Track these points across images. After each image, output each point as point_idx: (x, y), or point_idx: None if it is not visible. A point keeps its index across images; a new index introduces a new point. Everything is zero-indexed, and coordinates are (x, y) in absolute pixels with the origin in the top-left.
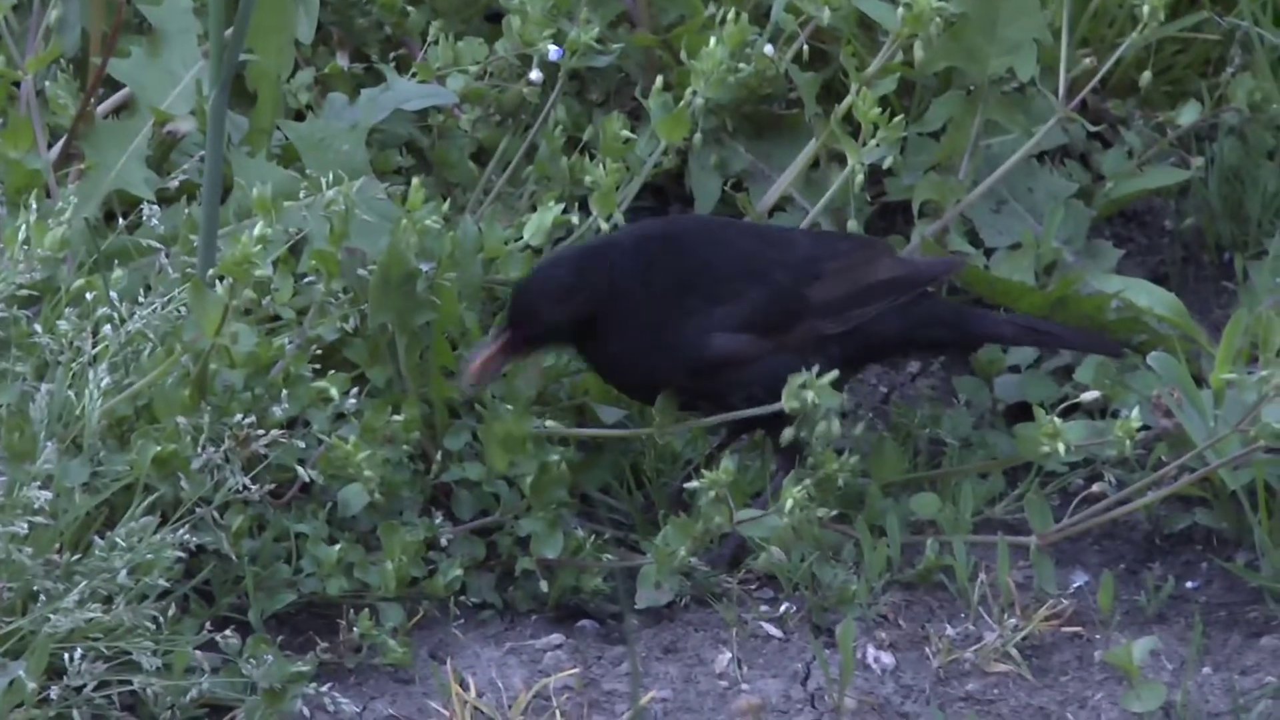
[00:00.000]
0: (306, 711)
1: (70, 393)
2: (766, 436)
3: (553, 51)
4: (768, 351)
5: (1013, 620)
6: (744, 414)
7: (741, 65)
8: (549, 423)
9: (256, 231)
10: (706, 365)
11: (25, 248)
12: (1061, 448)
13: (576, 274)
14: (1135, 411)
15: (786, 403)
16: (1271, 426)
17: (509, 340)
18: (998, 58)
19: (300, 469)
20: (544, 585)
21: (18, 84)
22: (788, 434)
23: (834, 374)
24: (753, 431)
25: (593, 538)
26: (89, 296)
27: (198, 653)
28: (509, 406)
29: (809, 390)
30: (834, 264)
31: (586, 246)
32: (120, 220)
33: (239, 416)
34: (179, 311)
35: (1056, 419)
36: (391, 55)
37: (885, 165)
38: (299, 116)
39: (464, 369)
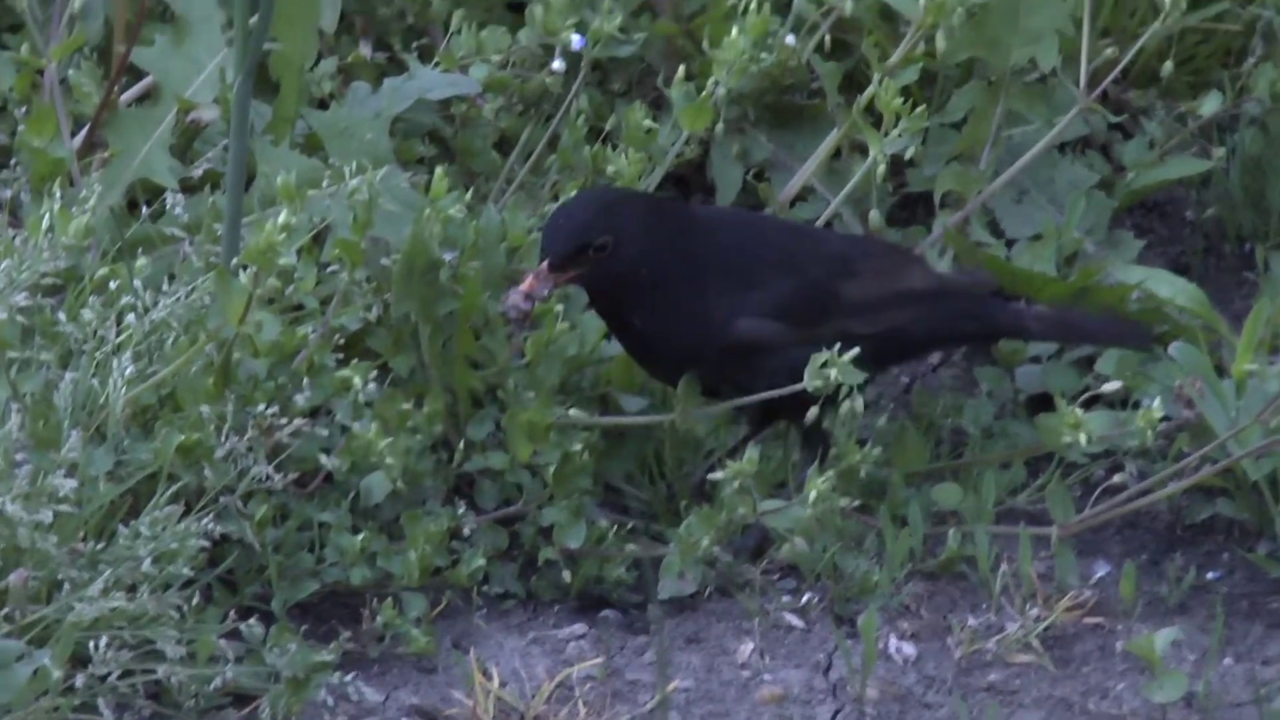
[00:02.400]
0: (330, 701)
1: (94, 381)
2: (791, 426)
3: (575, 41)
4: (795, 342)
5: (1035, 610)
6: (766, 395)
7: (764, 55)
8: (572, 411)
9: (280, 220)
10: (734, 347)
11: (49, 236)
12: (1083, 438)
13: (606, 204)
14: (1157, 402)
15: (809, 382)
16: None
17: (549, 262)
18: (1020, 48)
19: (323, 458)
20: (567, 575)
21: (41, 72)
22: (812, 413)
23: (855, 351)
24: (776, 423)
25: (615, 527)
26: (113, 285)
27: (222, 641)
28: (532, 395)
29: (831, 368)
30: (867, 264)
31: (626, 190)
32: (144, 208)
33: (262, 405)
34: (203, 300)
35: (1078, 409)
36: (415, 44)
37: (907, 156)
38: (322, 105)
39: (506, 300)
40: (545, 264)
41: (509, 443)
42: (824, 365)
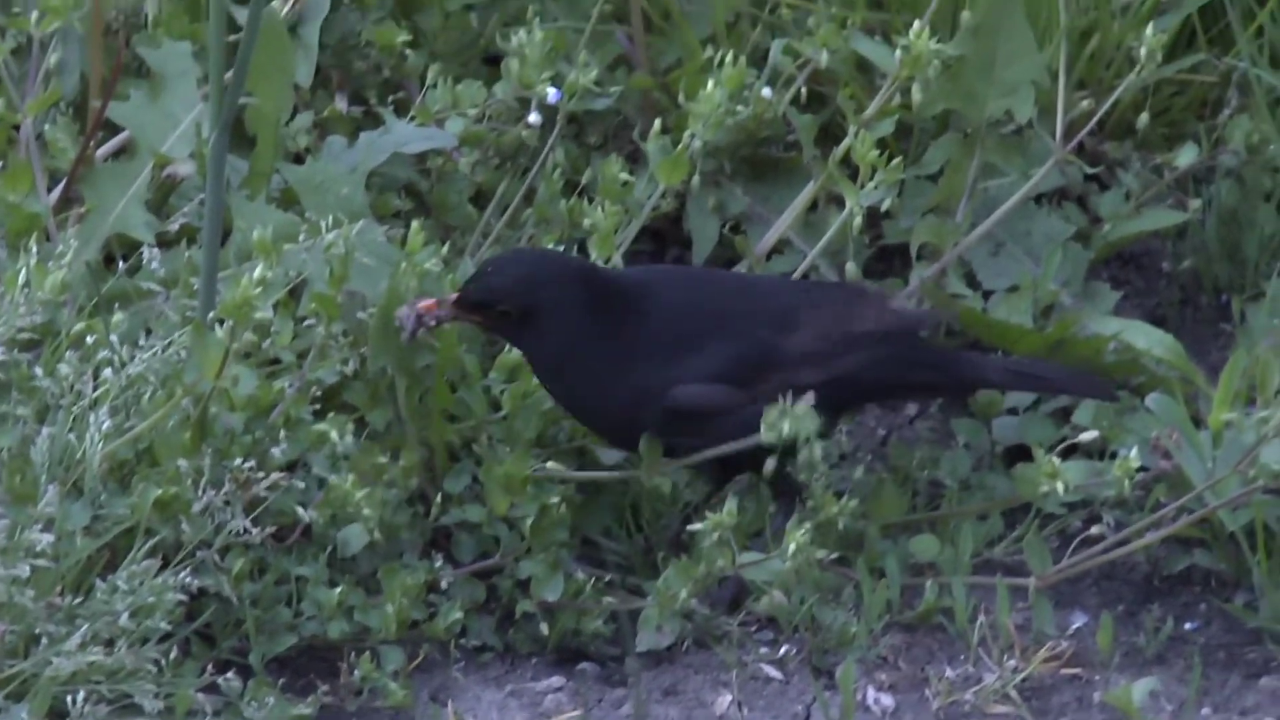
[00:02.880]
0: None
1: (71, 436)
2: (761, 481)
3: (551, 94)
4: (744, 402)
5: (1012, 662)
6: (718, 452)
7: (740, 108)
8: (549, 464)
9: (256, 274)
10: (675, 415)
11: (26, 291)
12: (1060, 488)
13: (540, 264)
14: (1134, 452)
15: (765, 435)
16: (1270, 467)
17: (457, 299)
18: (995, 100)
19: (301, 511)
20: (544, 627)
21: (17, 127)
22: (769, 466)
23: (809, 399)
24: (741, 476)
25: (593, 580)
26: (89, 339)
27: (199, 695)
28: (508, 448)
29: (786, 420)
30: (814, 314)
31: (562, 260)
32: (120, 263)
33: (239, 459)
34: (179, 354)
35: (1055, 459)
36: (390, 98)
37: (883, 207)
38: (298, 159)
39: (403, 309)
40: (455, 296)
41: (486, 496)
42: (780, 415)
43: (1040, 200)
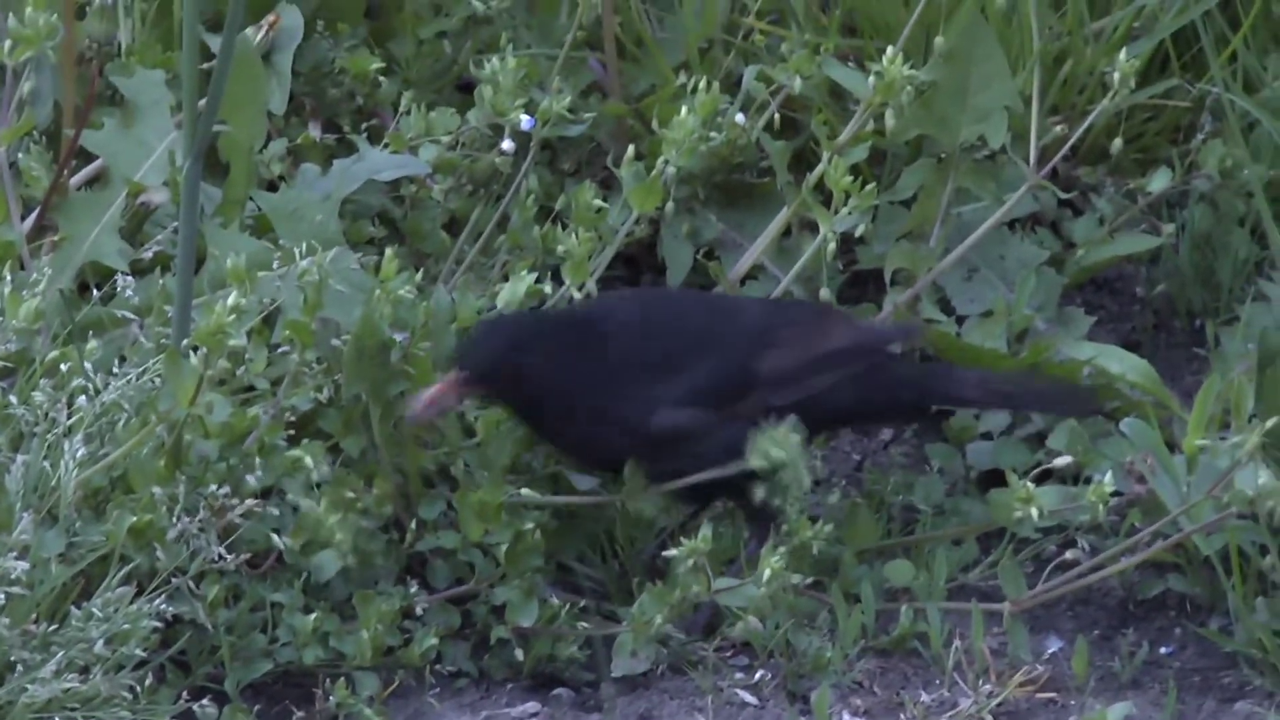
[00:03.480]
0: None
1: (46, 464)
2: (736, 505)
3: (525, 121)
4: (718, 424)
5: (987, 686)
6: (702, 477)
7: (713, 134)
8: (524, 491)
9: (230, 302)
10: (654, 440)
11: (0, 319)
12: (1035, 512)
13: (517, 329)
14: (1108, 476)
15: (754, 461)
16: (1244, 492)
17: (457, 380)
18: (969, 125)
19: (275, 538)
20: (519, 653)
21: None
22: (759, 493)
23: (793, 421)
24: (719, 500)
25: (568, 606)
26: (64, 367)
27: None
28: (484, 474)
29: (776, 447)
30: (786, 333)
31: (536, 311)
32: (94, 291)
33: (214, 486)
34: (154, 382)
35: (1029, 484)
36: (364, 126)
37: (857, 233)
38: (272, 187)
39: (412, 404)
40: (461, 375)
41: (460, 522)
42: (770, 441)
43: (1014, 225)
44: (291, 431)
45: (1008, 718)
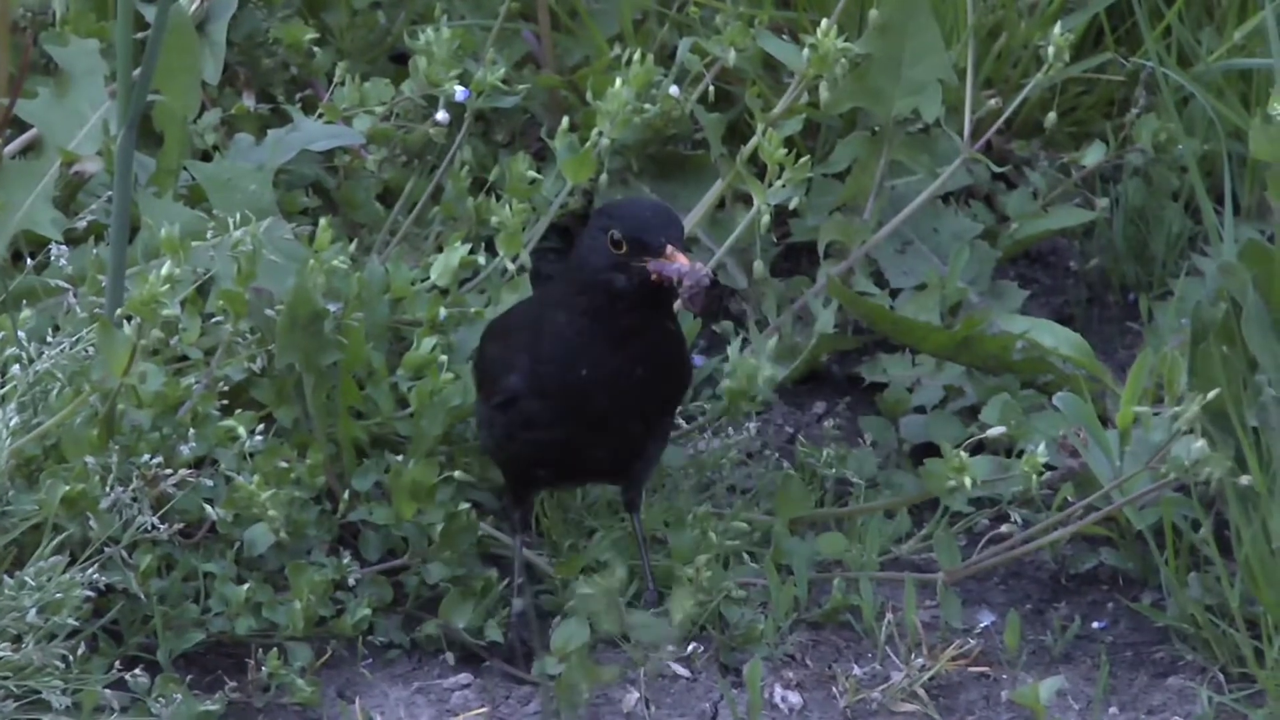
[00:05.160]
0: None
1: None
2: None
3: (459, 92)
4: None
5: (920, 660)
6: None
7: (647, 106)
8: (458, 474)
9: (164, 271)
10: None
11: None
12: (968, 482)
13: None
14: (1041, 447)
15: None
16: (1181, 461)
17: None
18: (903, 98)
19: (208, 508)
20: (450, 656)
21: None
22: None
23: None
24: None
25: (503, 582)
26: None
27: (107, 691)
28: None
29: None
30: None
31: None
32: (28, 260)
33: (147, 456)
34: (87, 351)
35: (963, 454)
36: (298, 96)
37: (791, 206)
38: (206, 157)
39: (685, 275)
40: (673, 248)
41: (393, 501)
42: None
43: (948, 199)
44: (225, 401)
45: (940, 691)
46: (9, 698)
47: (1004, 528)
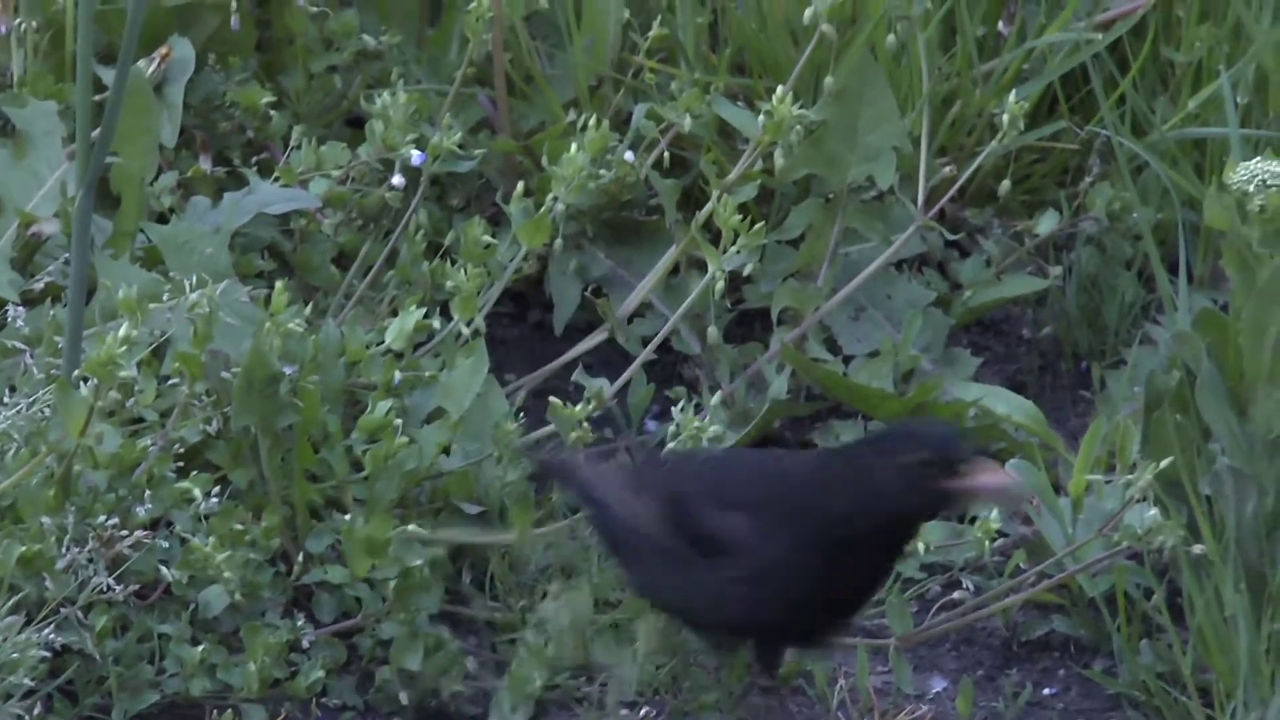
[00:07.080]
0: None
1: None
2: None
3: (415, 156)
4: None
5: None
6: None
7: (602, 171)
8: (412, 527)
9: (121, 333)
10: None
11: None
12: (921, 548)
13: None
14: (994, 513)
15: None
16: (1133, 528)
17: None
18: (857, 165)
19: (163, 570)
20: (404, 697)
21: None
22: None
23: None
24: None
25: (455, 642)
26: None
27: None
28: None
29: None
30: None
31: None
32: None
33: (103, 517)
34: (43, 412)
35: None
36: (254, 159)
37: (745, 272)
38: (162, 219)
39: (1002, 490)
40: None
41: (347, 557)
42: None
43: (901, 266)
44: (180, 463)
45: None
46: None
47: (956, 594)
